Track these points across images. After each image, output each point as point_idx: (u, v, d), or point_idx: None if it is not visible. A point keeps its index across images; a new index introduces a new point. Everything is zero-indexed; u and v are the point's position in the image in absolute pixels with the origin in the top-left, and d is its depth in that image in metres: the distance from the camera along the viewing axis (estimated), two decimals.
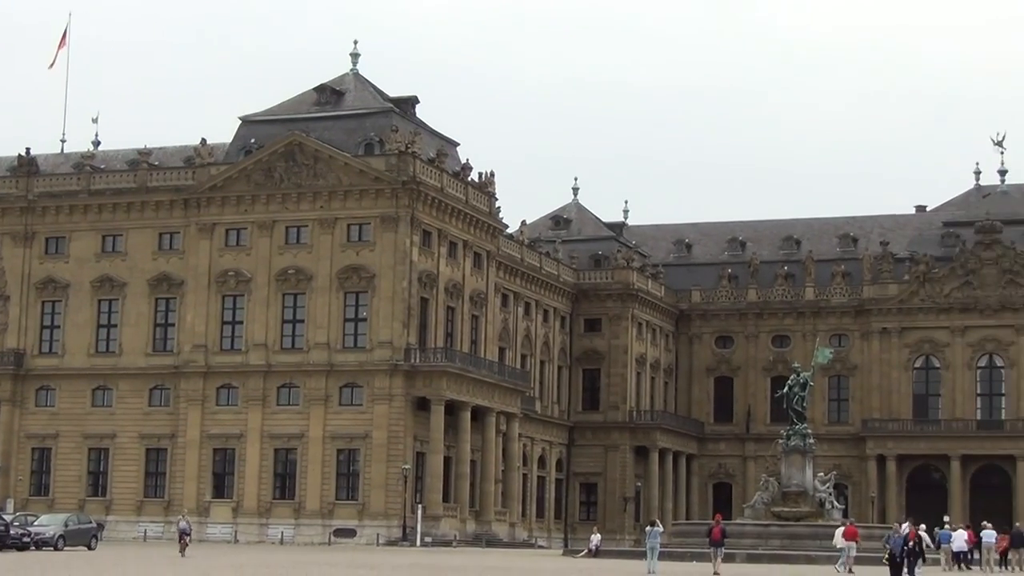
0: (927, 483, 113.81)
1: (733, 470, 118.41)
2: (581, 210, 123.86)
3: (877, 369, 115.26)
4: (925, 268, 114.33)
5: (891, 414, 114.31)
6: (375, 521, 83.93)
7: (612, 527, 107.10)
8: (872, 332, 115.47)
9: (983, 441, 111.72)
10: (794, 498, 69.85)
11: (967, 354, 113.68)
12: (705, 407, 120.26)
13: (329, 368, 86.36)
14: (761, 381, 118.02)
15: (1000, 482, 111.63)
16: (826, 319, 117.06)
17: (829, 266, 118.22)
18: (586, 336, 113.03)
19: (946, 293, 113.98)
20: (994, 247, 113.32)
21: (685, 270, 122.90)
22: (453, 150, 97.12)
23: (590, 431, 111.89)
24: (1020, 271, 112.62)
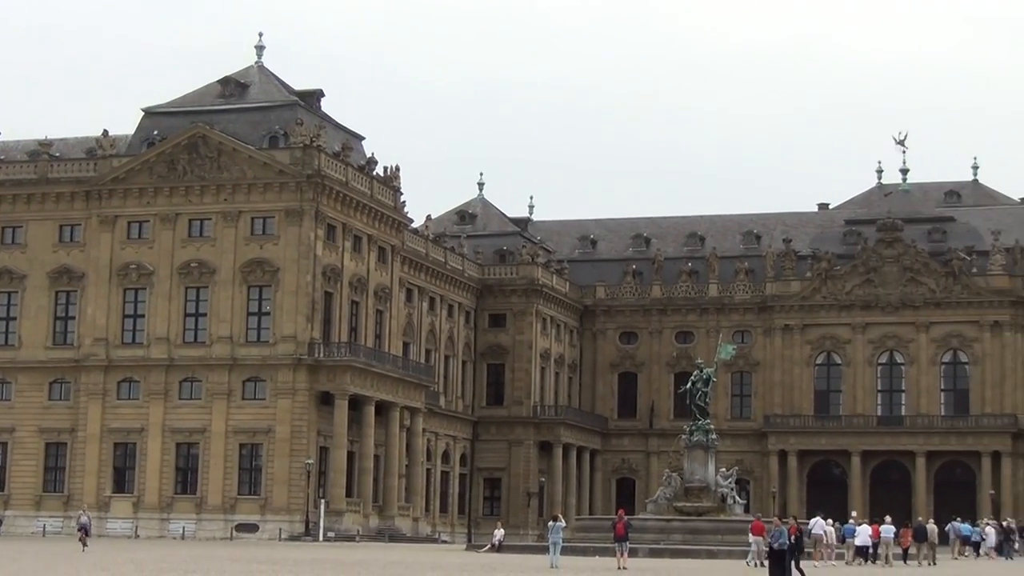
0: (828, 478, 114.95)
1: (636, 465, 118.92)
2: (486, 205, 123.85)
3: (779, 365, 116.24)
4: (827, 266, 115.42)
5: (793, 410, 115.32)
6: (278, 516, 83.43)
7: (516, 522, 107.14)
8: (775, 329, 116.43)
9: (883, 437, 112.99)
10: (696, 493, 70.16)
11: (868, 351, 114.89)
12: (609, 402, 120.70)
13: (232, 362, 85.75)
14: (665, 377, 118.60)
15: (899, 477, 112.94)
16: (729, 316, 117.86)
17: (732, 263, 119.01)
18: (491, 331, 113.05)
19: (848, 291, 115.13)
20: (895, 245, 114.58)
21: (590, 266, 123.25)
22: (358, 144, 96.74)
23: (494, 426, 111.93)
24: (921, 269, 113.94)
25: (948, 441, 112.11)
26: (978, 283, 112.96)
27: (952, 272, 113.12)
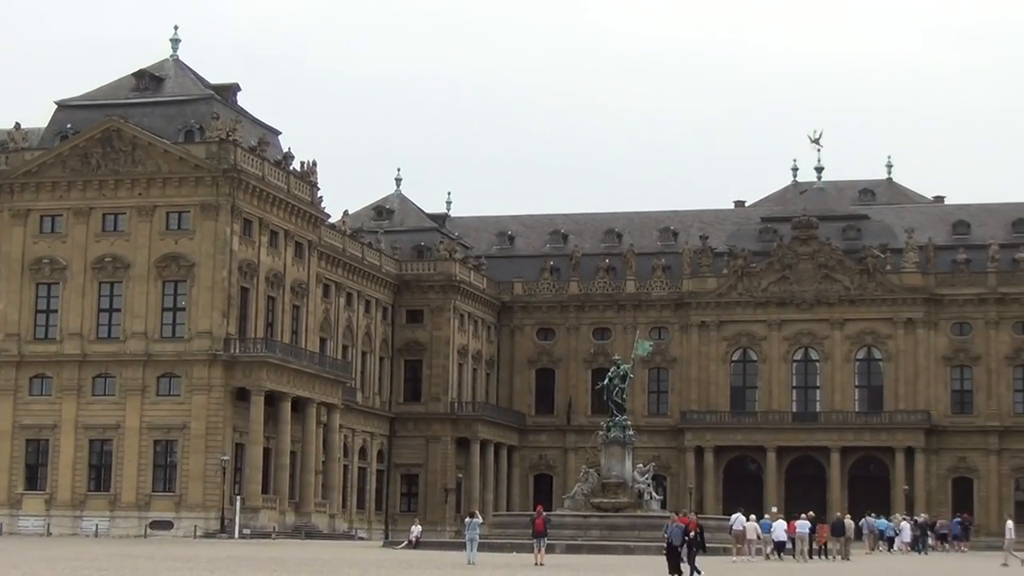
0: (744, 474, 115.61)
1: (554, 461, 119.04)
2: (404, 201, 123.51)
3: (696, 362, 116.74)
4: (743, 263, 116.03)
5: (709, 406, 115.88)
6: (193, 513, 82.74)
7: (433, 518, 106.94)
8: (691, 325, 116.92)
9: (798, 433, 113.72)
10: (613, 489, 70.26)
11: (783, 348, 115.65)
12: (526, 399, 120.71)
13: (146, 358, 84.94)
14: (582, 373, 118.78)
15: (814, 473, 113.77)
16: (646, 312, 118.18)
17: (650, 260, 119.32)
18: (408, 327, 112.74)
19: (764, 288, 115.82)
20: (810, 242, 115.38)
21: (507, 262, 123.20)
22: (275, 139, 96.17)
23: (412, 422, 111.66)
24: (835, 267, 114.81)
25: (862, 437, 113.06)
26: (892, 281, 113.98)
27: (866, 270, 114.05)
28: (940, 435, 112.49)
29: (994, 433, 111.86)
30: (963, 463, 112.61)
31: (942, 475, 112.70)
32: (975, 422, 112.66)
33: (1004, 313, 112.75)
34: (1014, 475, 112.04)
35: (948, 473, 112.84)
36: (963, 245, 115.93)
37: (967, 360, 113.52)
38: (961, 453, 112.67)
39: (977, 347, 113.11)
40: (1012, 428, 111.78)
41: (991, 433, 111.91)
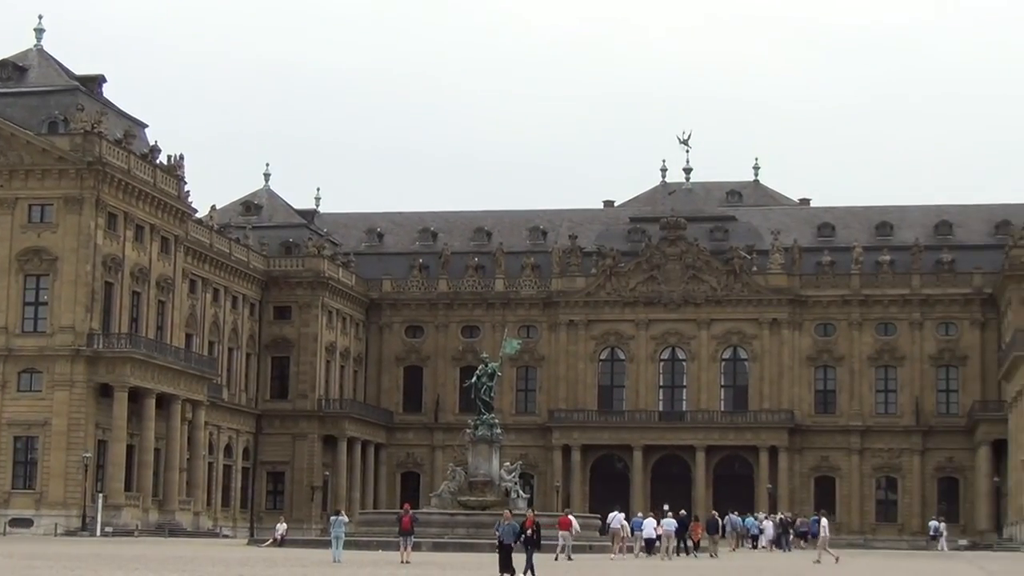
0: (610, 472, 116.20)
1: (421, 459, 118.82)
2: (272, 196, 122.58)
3: (564, 360, 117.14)
4: (612, 262, 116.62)
5: (577, 405, 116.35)
6: (53, 511, 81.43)
7: (299, 516, 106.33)
8: (560, 324, 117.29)
9: (664, 432, 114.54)
10: (480, 487, 70.26)
11: (651, 347, 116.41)
12: (394, 396, 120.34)
13: (7, 353, 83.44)
14: (450, 371, 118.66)
15: (680, 471, 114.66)
16: (515, 310, 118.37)
17: (519, 258, 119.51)
18: (276, 323, 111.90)
19: (632, 287, 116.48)
20: (678, 243, 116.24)
21: (376, 259, 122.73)
22: (141, 131, 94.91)
23: (278, 419, 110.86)
24: (703, 267, 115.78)
25: (727, 436, 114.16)
26: (758, 282, 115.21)
27: (733, 270, 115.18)
28: (803, 434, 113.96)
29: (856, 433, 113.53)
30: (825, 462, 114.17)
31: (805, 474, 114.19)
32: (838, 422, 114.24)
33: (867, 315, 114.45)
34: (875, 474, 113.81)
35: (811, 472, 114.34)
36: (828, 247, 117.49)
37: (830, 361, 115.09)
38: (824, 452, 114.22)
39: (840, 348, 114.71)
40: (873, 428, 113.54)
41: (853, 433, 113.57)
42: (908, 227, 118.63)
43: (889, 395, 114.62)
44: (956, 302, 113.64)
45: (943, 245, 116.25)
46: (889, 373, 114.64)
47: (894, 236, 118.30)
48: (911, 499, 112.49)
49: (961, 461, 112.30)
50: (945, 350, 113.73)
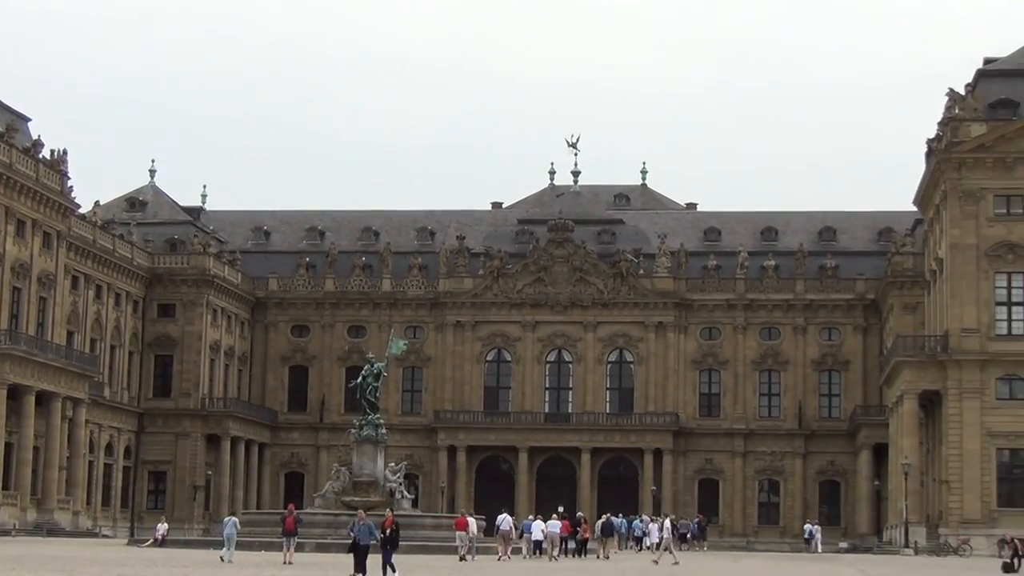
0: (496, 473, 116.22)
1: (306, 459, 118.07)
2: (158, 193, 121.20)
3: (450, 361, 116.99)
4: (499, 264, 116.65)
5: (463, 406, 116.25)
6: None
7: (181, 516, 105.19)
8: (447, 325, 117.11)
9: (550, 433, 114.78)
10: (365, 488, 69.91)
11: (537, 349, 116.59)
12: (279, 396, 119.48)
13: None
14: (336, 371, 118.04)
15: (565, 473, 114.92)
16: (402, 311, 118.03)
17: (406, 258, 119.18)
18: (159, 321, 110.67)
19: (519, 289, 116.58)
20: (566, 245, 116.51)
21: (263, 257, 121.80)
22: (24, 125, 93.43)
23: (161, 418, 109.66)
24: (590, 270, 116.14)
25: (612, 438, 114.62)
26: (644, 285, 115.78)
27: (620, 273, 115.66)
28: (688, 437, 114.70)
29: (740, 436, 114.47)
30: (709, 465, 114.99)
31: (689, 476, 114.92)
32: (722, 425, 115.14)
33: (751, 319, 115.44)
34: (758, 477, 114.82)
35: (695, 475, 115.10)
36: (713, 252, 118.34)
37: (715, 364, 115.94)
38: (708, 455, 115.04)
39: (725, 351, 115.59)
40: (757, 431, 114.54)
41: (737, 436, 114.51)
42: (793, 233, 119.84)
43: (772, 399, 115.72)
44: (839, 307, 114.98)
45: (827, 251, 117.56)
46: (773, 377, 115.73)
47: (779, 242, 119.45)
48: (793, 502, 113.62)
49: (842, 465, 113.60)
50: (828, 355, 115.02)
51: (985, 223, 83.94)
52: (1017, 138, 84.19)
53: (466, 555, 57.94)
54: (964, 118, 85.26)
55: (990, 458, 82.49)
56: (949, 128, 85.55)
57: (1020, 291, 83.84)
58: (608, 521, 70.78)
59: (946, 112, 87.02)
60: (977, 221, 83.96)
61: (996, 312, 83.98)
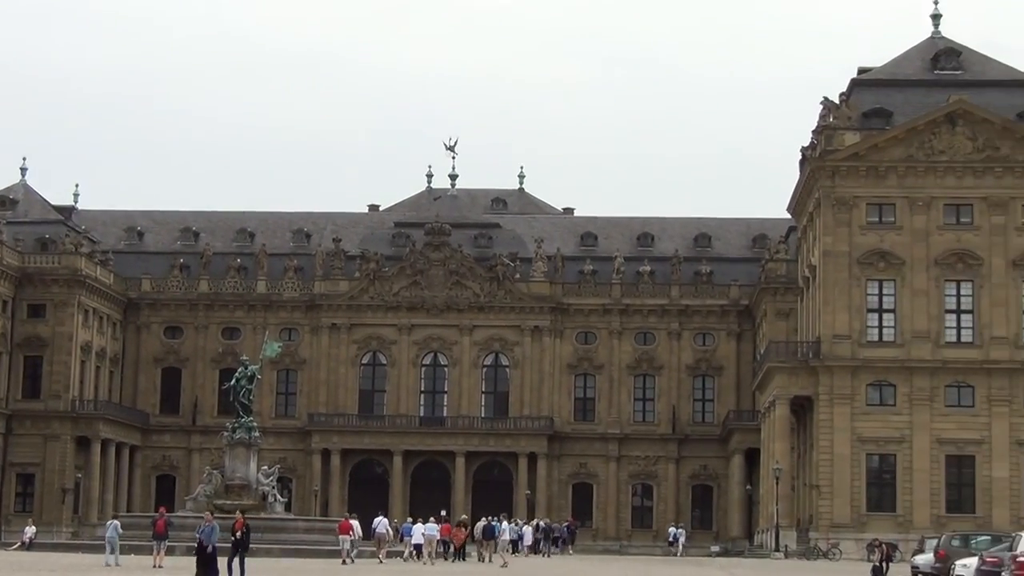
0: (370, 477, 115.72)
1: (178, 462, 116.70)
2: (29, 191, 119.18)
3: (325, 364, 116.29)
4: (376, 267, 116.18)
5: (337, 409, 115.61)
6: None
7: (49, 519, 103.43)
8: (322, 327, 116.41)
9: (424, 437, 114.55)
10: (237, 491, 69.33)
11: (413, 352, 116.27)
12: (151, 398, 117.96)
13: None
14: (210, 373, 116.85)
15: (440, 477, 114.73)
16: (277, 313, 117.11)
17: (282, 260, 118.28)
18: (29, 322, 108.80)
19: (395, 292, 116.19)
20: (442, 249, 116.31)
21: (136, 258, 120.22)
22: None
23: (29, 420, 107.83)
24: (466, 273, 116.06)
25: (487, 442, 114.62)
26: (520, 289, 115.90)
27: (496, 277, 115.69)
28: (562, 441, 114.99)
29: (614, 440, 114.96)
30: (584, 469, 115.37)
31: (563, 480, 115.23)
32: (596, 429, 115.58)
33: (627, 324, 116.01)
34: (632, 481, 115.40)
35: (569, 479, 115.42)
36: (590, 256, 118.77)
37: (590, 368, 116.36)
38: (582, 459, 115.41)
39: (600, 356, 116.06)
40: (631, 436, 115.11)
41: (611, 440, 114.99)
42: (669, 239, 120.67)
43: (647, 403, 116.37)
44: (713, 313, 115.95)
45: (702, 257, 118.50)
46: (647, 382, 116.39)
47: (655, 247, 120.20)
48: (666, 506, 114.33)
49: (715, 469, 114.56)
50: (702, 360, 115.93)
51: (857, 231, 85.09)
52: (889, 147, 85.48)
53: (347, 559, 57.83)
54: (838, 127, 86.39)
55: (860, 463, 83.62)
56: (823, 136, 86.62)
57: (891, 298, 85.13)
58: (489, 525, 70.91)
59: (820, 120, 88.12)
60: (850, 229, 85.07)
61: (867, 319, 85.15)
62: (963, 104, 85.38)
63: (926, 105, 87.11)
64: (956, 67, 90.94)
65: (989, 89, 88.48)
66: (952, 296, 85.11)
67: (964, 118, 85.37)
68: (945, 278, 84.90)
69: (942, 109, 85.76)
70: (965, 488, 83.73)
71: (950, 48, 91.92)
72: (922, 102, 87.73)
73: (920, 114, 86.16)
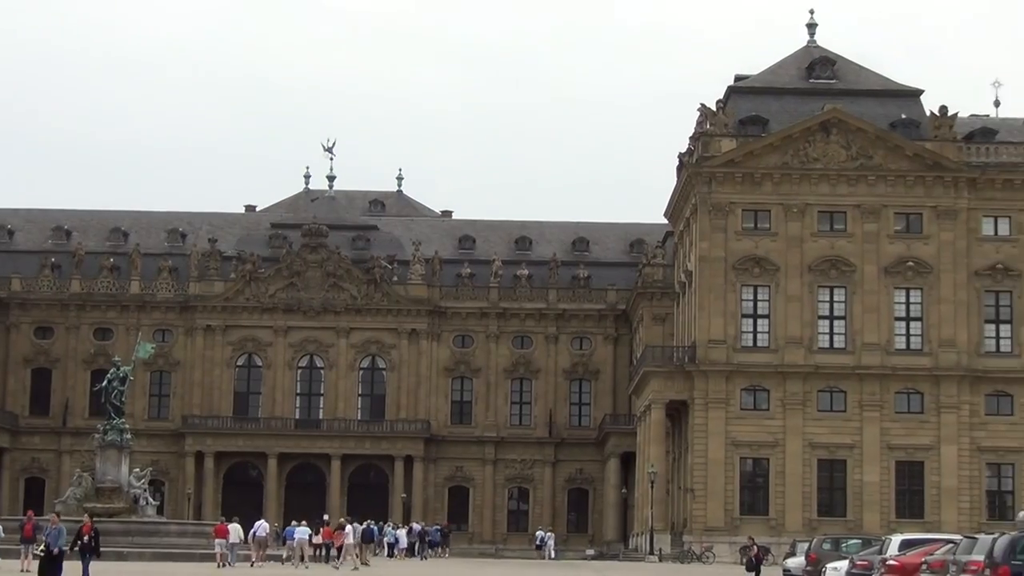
0: (245, 480, 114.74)
1: (47, 465, 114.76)
2: None
3: (200, 366, 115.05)
4: (252, 268, 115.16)
5: (212, 411, 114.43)
6: None
7: None
8: (197, 328, 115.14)
9: (300, 440, 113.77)
10: (108, 494, 68.32)
11: (289, 354, 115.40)
12: (20, 399, 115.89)
13: None
14: (81, 374, 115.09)
15: (315, 480, 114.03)
16: (151, 314, 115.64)
17: (156, 260, 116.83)
18: None
19: (271, 293, 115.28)
20: (319, 251, 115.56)
21: (5, 257, 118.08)
22: None
23: None
24: (343, 275, 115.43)
25: (363, 445, 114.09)
26: (398, 292, 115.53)
27: (374, 280, 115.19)
28: (439, 444, 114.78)
29: (491, 443, 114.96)
30: (460, 472, 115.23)
31: (440, 484, 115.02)
32: (473, 433, 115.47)
33: (504, 327, 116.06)
34: (508, 484, 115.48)
35: (445, 482, 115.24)
36: (468, 259, 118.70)
37: (467, 372, 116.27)
38: (459, 462, 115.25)
39: (478, 360, 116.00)
40: (507, 439, 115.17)
41: (488, 443, 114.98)
42: (547, 242, 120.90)
43: (524, 407, 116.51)
44: (591, 317, 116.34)
45: (580, 261, 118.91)
46: (524, 385, 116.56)
47: (533, 251, 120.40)
48: (542, 509, 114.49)
49: (591, 473, 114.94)
50: (579, 364, 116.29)
51: (733, 237, 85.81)
52: (765, 154, 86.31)
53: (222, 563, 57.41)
54: (715, 133, 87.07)
55: (733, 467, 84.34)
56: (700, 143, 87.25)
57: (765, 304, 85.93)
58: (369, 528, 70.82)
59: (697, 127, 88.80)
60: (725, 235, 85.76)
61: (742, 324, 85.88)
62: (837, 113, 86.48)
63: (801, 113, 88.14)
64: (831, 76, 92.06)
65: (863, 98, 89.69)
66: (825, 302, 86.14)
67: (838, 127, 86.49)
68: (818, 284, 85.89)
69: (817, 117, 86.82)
70: (836, 492, 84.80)
71: (825, 57, 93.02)
72: (797, 110, 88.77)
73: (795, 122, 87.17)
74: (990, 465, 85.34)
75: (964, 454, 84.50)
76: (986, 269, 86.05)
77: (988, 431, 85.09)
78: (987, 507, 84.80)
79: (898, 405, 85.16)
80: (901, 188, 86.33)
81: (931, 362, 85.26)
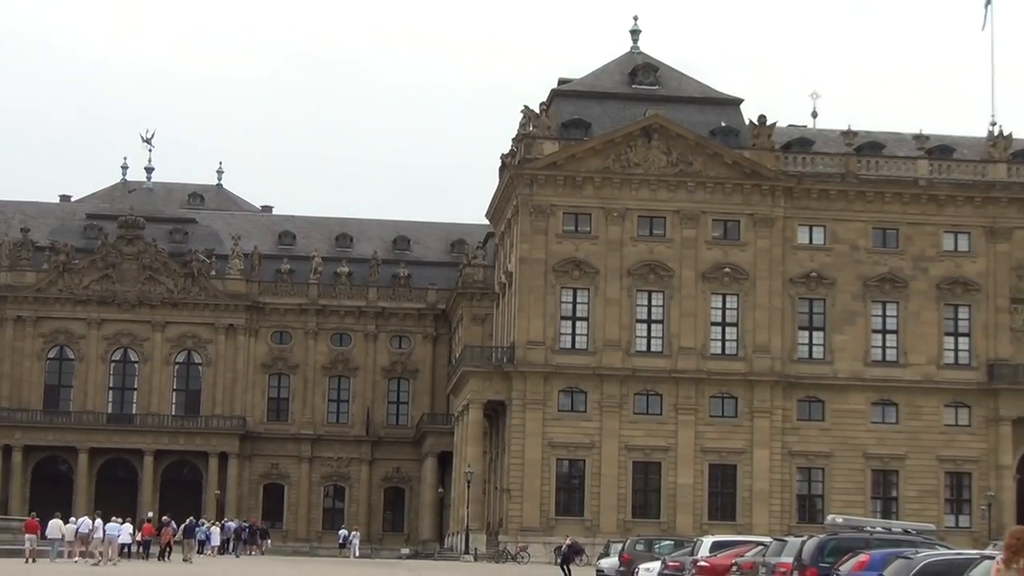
0: (54, 474, 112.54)
1: None
2: None
3: (9, 358, 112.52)
4: (65, 259, 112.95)
5: (20, 404, 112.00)
6: None
7: None
8: (6, 319, 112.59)
9: (112, 434, 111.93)
10: None
11: (102, 347, 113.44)
12: None
13: None
14: None
15: (127, 475, 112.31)
16: None
17: None
18: None
19: (85, 285, 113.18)
20: (136, 243, 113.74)
21: None
22: None
23: None
24: (160, 268, 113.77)
25: (178, 441, 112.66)
26: (216, 286, 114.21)
27: (191, 273, 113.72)
28: (255, 441, 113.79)
29: (307, 441, 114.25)
30: (276, 469, 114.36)
31: (255, 480, 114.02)
32: (289, 430, 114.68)
33: (323, 324, 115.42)
34: (324, 482, 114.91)
35: (260, 479, 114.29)
36: (288, 255, 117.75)
37: (285, 368, 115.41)
38: (274, 460, 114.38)
39: (296, 356, 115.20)
40: (324, 437, 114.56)
41: (304, 441, 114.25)
42: (367, 240, 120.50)
43: (341, 405, 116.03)
44: (411, 316, 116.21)
45: (401, 260, 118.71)
46: (342, 383, 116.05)
47: (353, 248, 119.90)
48: (358, 508, 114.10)
49: (408, 472, 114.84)
50: (398, 363, 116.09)
51: (554, 239, 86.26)
52: (587, 158, 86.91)
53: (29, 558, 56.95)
54: (537, 135, 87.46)
55: (550, 468, 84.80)
56: (523, 145, 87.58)
57: (584, 306, 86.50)
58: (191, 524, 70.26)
59: (520, 129, 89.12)
60: (546, 237, 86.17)
61: (561, 326, 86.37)
62: (659, 119, 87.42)
63: (624, 118, 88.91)
64: (653, 82, 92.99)
65: (684, 105, 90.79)
66: (643, 306, 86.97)
67: (659, 132, 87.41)
68: (637, 288, 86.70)
69: (639, 123, 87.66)
70: (651, 494, 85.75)
71: (648, 64, 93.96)
72: (620, 115, 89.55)
73: (617, 127, 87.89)
74: (801, 469, 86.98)
75: (776, 458, 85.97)
76: (801, 277, 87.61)
77: (799, 436, 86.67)
78: (797, 510, 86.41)
79: (713, 409, 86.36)
80: (719, 195, 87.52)
81: (746, 367, 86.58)
